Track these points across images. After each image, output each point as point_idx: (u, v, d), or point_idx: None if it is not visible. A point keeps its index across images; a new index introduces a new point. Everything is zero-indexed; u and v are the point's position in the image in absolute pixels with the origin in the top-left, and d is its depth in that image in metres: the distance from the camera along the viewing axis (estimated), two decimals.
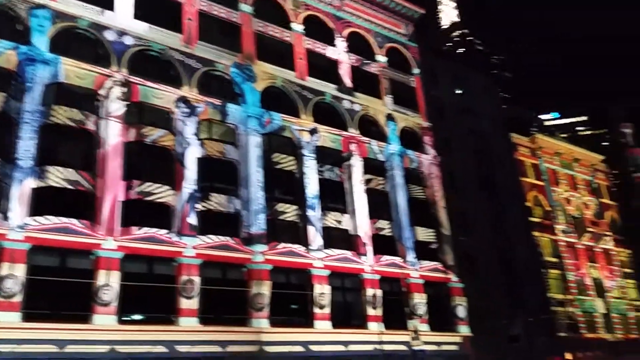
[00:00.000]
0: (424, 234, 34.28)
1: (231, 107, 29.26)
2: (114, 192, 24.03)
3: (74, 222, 22.58)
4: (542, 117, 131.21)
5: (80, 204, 23.31)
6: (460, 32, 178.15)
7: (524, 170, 48.48)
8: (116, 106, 25.46)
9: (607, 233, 52.10)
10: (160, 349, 22.44)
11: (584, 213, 51.52)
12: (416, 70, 39.90)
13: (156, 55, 28.13)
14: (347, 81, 35.30)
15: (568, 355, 40.76)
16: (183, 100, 27.67)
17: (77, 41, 26.15)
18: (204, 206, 26.52)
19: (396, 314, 29.71)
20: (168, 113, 27.20)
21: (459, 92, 45.29)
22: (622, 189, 57.95)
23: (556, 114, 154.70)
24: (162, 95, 27.19)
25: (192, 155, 26.92)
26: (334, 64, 35.50)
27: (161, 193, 25.37)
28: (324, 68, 34.70)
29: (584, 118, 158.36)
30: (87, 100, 25.17)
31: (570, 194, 51.36)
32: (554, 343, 40.31)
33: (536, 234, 45.72)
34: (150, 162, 26.15)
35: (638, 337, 49.38)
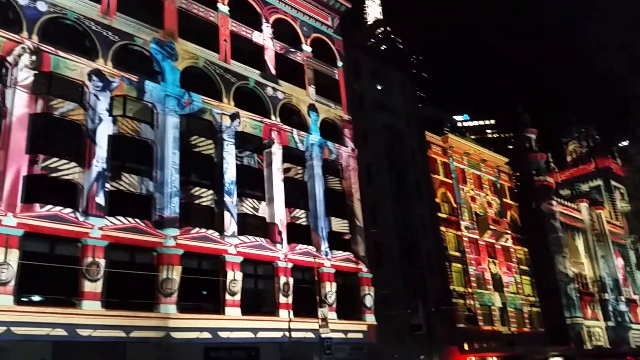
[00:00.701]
0: (339, 224, 34.88)
1: (149, 85, 28.17)
2: (16, 166, 22.53)
3: None
4: (454, 118, 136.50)
5: None
6: (383, 29, 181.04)
7: (436, 167, 50.16)
8: (24, 75, 23.82)
9: (507, 231, 54.83)
10: (60, 332, 21.46)
11: (487, 211, 54.05)
12: (340, 63, 40.31)
13: (71, 24, 26.57)
14: (272, 68, 35.06)
15: (465, 346, 42.90)
16: (97, 73, 26.26)
17: None
18: (114, 186, 25.47)
19: (307, 302, 30.03)
20: (80, 86, 25.78)
21: (379, 87, 46.19)
22: (522, 190, 61.32)
23: (466, 116, 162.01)
24: (75, 66, 25.70)
25: (104, 132, 25.68)
26: (259, 49, 35.08)
27: (68, 170, 24.05)
28: (249, 53, 34.17)
29: (493, 122, 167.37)
30: None
31: (476, 192, 53.74)
32: (453, 333, 42.32)
33: (442, 228, 47.43)
34: (57, 136, 24.62)
35: (530, 331, 52.76)
